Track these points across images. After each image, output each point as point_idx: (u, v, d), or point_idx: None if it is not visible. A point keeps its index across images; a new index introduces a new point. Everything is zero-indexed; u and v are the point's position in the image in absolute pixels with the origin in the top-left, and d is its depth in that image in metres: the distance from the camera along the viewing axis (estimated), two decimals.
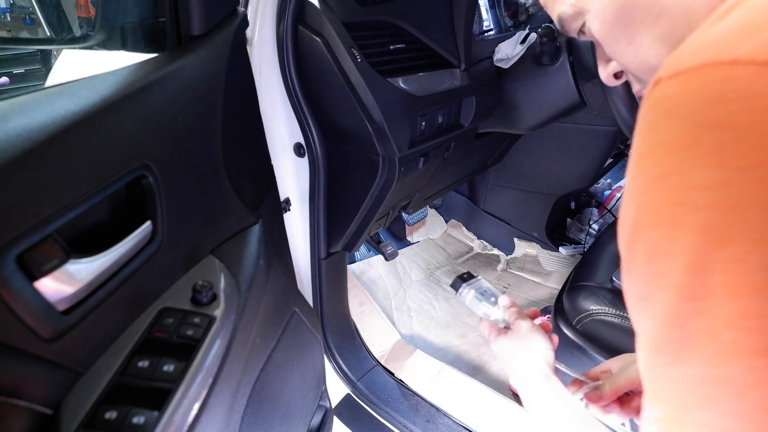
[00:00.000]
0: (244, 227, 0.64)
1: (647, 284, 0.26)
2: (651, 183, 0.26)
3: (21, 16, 3.01)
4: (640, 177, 0.27)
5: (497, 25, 1.22)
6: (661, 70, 0.28)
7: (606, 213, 1.83)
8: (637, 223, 0.26)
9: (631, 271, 0.28)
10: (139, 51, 0.59)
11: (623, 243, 0.28)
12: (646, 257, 0.26)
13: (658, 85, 0.27)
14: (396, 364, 1.28)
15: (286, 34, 0.77)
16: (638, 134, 0.28)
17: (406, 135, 0.85)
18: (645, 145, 0.27)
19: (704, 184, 0.23)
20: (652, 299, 0.26)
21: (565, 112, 1.10)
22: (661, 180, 0.25)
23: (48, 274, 0.38)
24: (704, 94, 0.24)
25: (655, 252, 0.25)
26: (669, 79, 0.27)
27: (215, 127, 0.58)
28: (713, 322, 0.23)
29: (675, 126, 0.25)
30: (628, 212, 0.27)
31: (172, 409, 0.42)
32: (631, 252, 0.27)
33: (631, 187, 0.28)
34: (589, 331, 0.96)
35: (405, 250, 1.83)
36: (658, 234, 0.25)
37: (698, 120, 0.24)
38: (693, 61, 0.26)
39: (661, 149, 0.26)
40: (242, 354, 0.56)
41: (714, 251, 0.23)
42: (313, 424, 0.88)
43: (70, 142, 0.40)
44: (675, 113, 0.25)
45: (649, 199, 0.26)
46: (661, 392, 0.26)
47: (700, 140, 0.24)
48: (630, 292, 0.28)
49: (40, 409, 0.40)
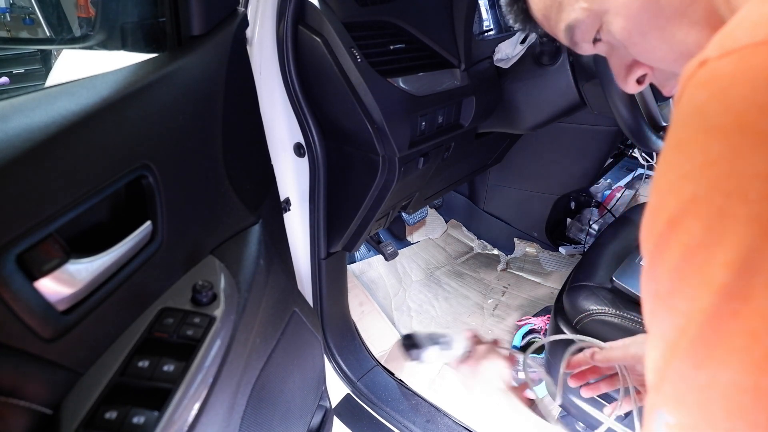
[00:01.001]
0: (244, 227, 0.64)
1: (680, 279, 0.24)
2: (696, 170, 0.23)
3: (21, 16, 3.01)
4: (683, 164, 0.24)
5: (497, 25, 1.22)
6: (707, 50, 0.25)
7: (606, 213, 1.83)
8: (675, 213, 0.24)
9: (659, 265, 0.25)
10: (139, 51, 0.59)
11: (652, 235, 0.26)
12: (684, 250, 0.23)
13: (704, 65, 0.25)
14: (396, 364, 1.28)
15: (286, 34, 0.77)
16: (680, 118, 0.25)
17: (406, 135, 0.85)
18: (689, 129, 0.24)
19: (759, 173, 0.21)
20: (684, 296, 0.23)
21: (565, 112, 1.10)
22: (709, 167, 0.23)
23: (48, 274, 0.38)
24: (762, 73, 0.22)
25: (695, 245, 0.23)
26: (720, 58, 0.24)
27: (215, 127, 0.58)
28: (755, 325, 0.21)
29: (727, 108, 0.23)
30: (664, 202, 0.25)
31: (172, 409, 0.42)
32: (663, 245, 0.25)
33: (668, 175, 0.25)
34: (589, 331, 0.96)
35: (405, 250, 1.83)
36: (700, 226, 0.23)
37: (756, 102, 0.22)
38: (750, 38, 0.23)
39: (711, 134, 0.23)
40: (242, 354, 0.56)
41: (764, 248, 0.20)
42: (313, 424, 0.88)
43: (70, 142, 0.40)
44: (728, 94, 0.23)
45: (693, 188, 0.23)
46: (681, 397, 0.24)
47: (757, 125, 0.21)
48: (653, 286, 0.26)
49: (40, 409, 0.40)
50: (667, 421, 0.24)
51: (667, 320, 0.24)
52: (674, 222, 0.24)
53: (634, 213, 1.29)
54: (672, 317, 0.24)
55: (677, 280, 0.24)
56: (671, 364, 0.24)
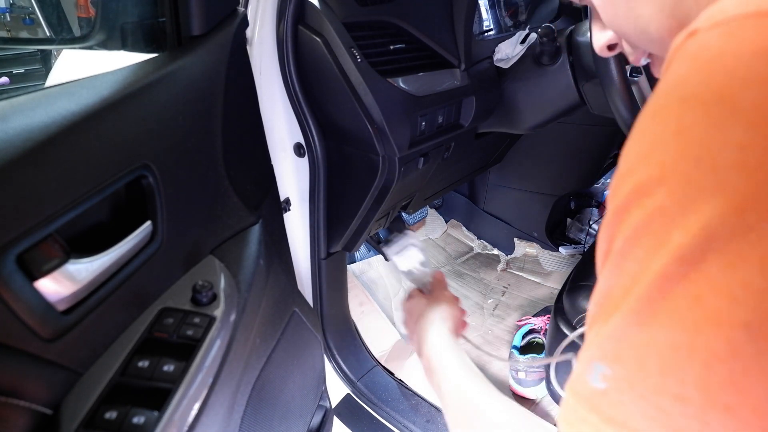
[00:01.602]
0: (244, 227, 0.64)
1: (635, 241, 0.24)
2: (669, 136, 0.23)
3: (21, 16, 3.01)
4: (655, 130, 0.24)
5: (497, 25, 1.22)
6: (698, 20, 0.25)
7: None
8: (643, 180, 0.24)
9: (617, 226, 0.25)
10: (139, 51, 0.59)
11: (616, 197, 0.25)
12: (645, 214, 0.23)
13: (694, 35, 0.24)
14: (396, 364, 1.28)
15: (286, 34, 0.77)
16: (662, 88, 0.25)
17: (406, 135, 0.85)
18: (668, 98, 0.24)
19: (731, 142, 0.21)
20: (635, 257, 0.24)
21: (565, 112, 1.10)
22: (680, 134, 0.22)
23: (48, 274, 0.38)
24: (749, 45, 0.22)
25: (657, 209, 0.23)
26: (709, 29, 0.24)
27: (215, 127, 0.58)
28: (700, 288, 0.21)
29: (710, 79, 0.22)
30: (633, 168, 0.25)
31: (172, 409, 0.42)
32: (626, 208, 0.24)
33: (640, 142, 0.25)
34: None
35: None
36: (665, 191, 0.22)
37: (738, 75, 0.22)
38: (740, 9, 0.23)
39: (688, 102, 0.23)
40: (242, 354, 0.56)
41: (725, 216, 0.20)
42: (313, 424, 0.88)
43: (70, 142, 0.40)
44: (712, 66, 0.23)
45: (663, 154, 0.23)
46: (618, 352, 0.24)
47: (737, 95, 0.21)
48: (605, 246, 0.26)
49: (40, 409, 0.40)
50: (603, 372, 0.25)
51: (613, 279, 0.25)
52: (640, 187, 0.24)
53: None
54: (619, 277, 0.25)
55: (632, 241, 0.24)
56: (611, 320, 0.24)
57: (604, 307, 0.25)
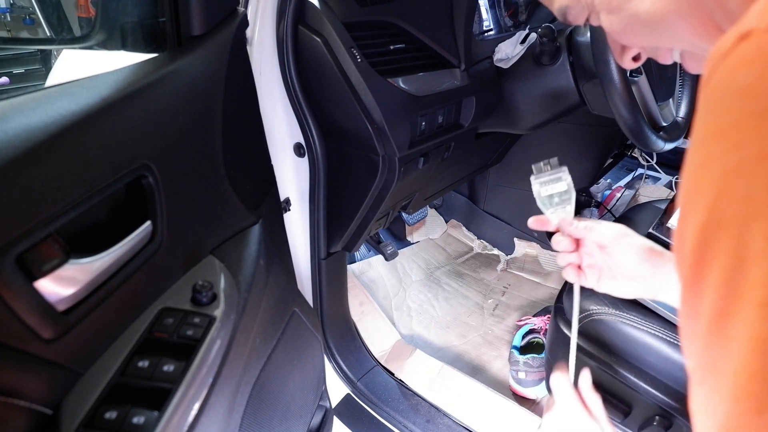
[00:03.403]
0: (244, 227, 0.64)
1: (734, 295, 0.19)
2: (751, 161, 0.18)
3: (21, 16, 3.01)
4: (727, 155, 0.19)
5: (497, 25, 1.22)
6: (748, 20, 0.21)
7: (606, 213, 1.83)
8: (719, 215, 0.19)
9: (701, 280, 0.20)
10: (139, 51, 0.59)
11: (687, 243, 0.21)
12: (735, 261, 0.19)
13: (749, 38, 0.20)
14: (396, 364, 1.28)
15: (286, 34, 0.77)
16: (717, 102, 0.21)
17: (406, 135, 0.85)
18: (734, 113, 0.20)
19: None
20: (739, 318, 0.18)
21: (565, 112, 1.09)
22: (765, 159, 0.18)
23: (48, 274, 0.38)
24: None
25: (750, 254, 0.18)
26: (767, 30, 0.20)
27: (215, 127, 0.58)
28: None
29: None
30: (703, 203, 0.20)
31: (172, 409, 0.42)
32: (704, 253, 0.20)
33: (711, 169, 0.20)
34: (589, 331, 0.96)
35: (405, 250, 1.83)
36: (756, 229, 0.18)
37: None
38: None
39: (765, 117, 0.18)
40: (242, 354, 0.56)
41: None
42: (313, 424, 0.88)
43: (70, 142, 0.40)
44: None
45: (744, 183, 0.18)
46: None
47: None
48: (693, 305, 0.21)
49: (40, 409, 0.40)
50: None
51: (717, 348, 0.19)
52: (719, 225, 0.19)
53: (634, 213, 1.29)
54: (723, 344, 0.19)
55: (727, 297, 0.19)
56: (730, 406, 0.19)
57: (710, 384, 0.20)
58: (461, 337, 1.48)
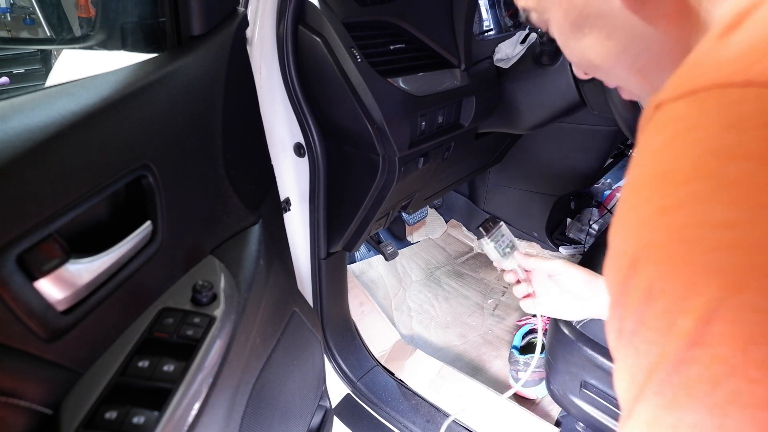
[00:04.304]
0: (244, 227, 0.64)
1: (642, 323, 0.24)
2: (655, 215, 0.23)
3: (21, 16, 3.01)
4: (642, 207, 0.24)
5: (497, 25, 1.22)
6: (663, 92, 0.25)
7: (606, 213, 1.83)
8: (636, 258, 0.24)
9: (621, 306, 0.25)
10: (139, 51, 0.59)
11: (614, 275, 0.26)
12: (644, 295, 0.23)
13: (660, 108, 0.25)
14: (396, 364, 1.28)
15: (286, 34, 0.77)
16: (640, 160, 0.25)
17: (406, 135, 0.85)
18: (649, 172, 0.24)
19: (718, 221, 0.21)
20: (647, 340, 0.23)
21: (565, 112, 1.10)
22: (668, 213, 0.23)
23: (48, 274, 0.38)
24: (718, 118, 0.22)
25: (654, 291, 0.23)
26: (674, 100, 0.24)
27: (215, 127, 0.58)
28: (715, 372, 0.21)
29: (685, 153, 0.23)
30: (624, 244, 0.25)
31: (172, 409, 0.42)
32: (624, 287, 0.25)
33: (629, 218, 0.25)
34: (588, 330, 0.96)
35: (405, 250, 1.83)
36: (660, 272, 0.23)
37: (713, 147, 0.22)
38: (702, 82, 0.24)
39: (669, 178, 0.23)
40: (242, 354, 0.56)
41: (724, 297, 0.21)
42: (313, 424, 0.88)
43: (70, 142, 0.40)
44: (686, 139, 0.23)
45: (652, 234, 0.23)
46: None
47: (715, 170, 0.21)
48: (617, 325, 0.26)
49: (40, 409, 0.40)
50: None
51: (632, 359, 0.25)
52: (633, 268, 0.24)
53: None
54: (637, 358, 0.24)
55: (638, 323, 0.24)
56: (639, 402, 0.24)
57: (630, 388, 0.25)
58: (461, 337, 1.48)
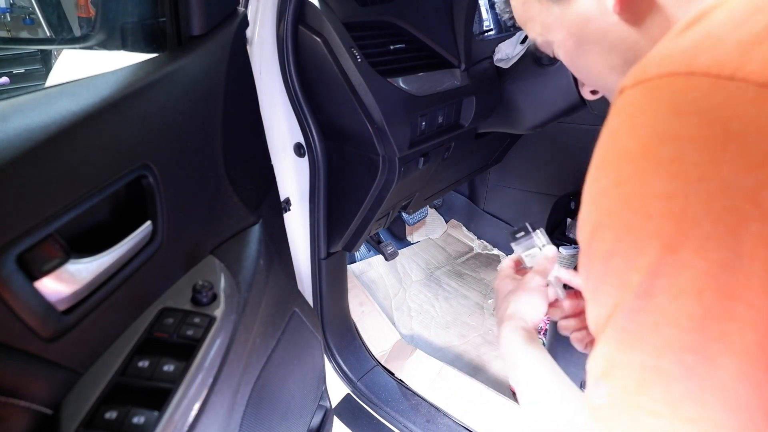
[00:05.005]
0: (244, 227, 0.64)
1: (602, 280, 0.29)
2: (611, 187, 0.28)
3: (21, 16, 3.01)
4: (601, 180, 0.29)
5: (497, 25, 1.22)
6: (626, 78, 0.29)
7: None
8: (596, 223, 0.29)
9: (588, 265, 0.30)
10: (139, 51, 0.59)
11: (583, 239, 0.30)
12: (603, 256, 0.28)
13: (622, 93, 0.29)
14: (396, 364, 1.28)
15: (286, 34, 0.77)
16: (602, 139, 0.29)
17: (406, 135, 0.85)
18: (607, 150, 0.29)
19: (659, 193, 0.25)
20: (606, 293, 0.28)
21: (565, 112, 1.09)
22: (620, 185, 0.27)
23: (48, 274, 0.38)
24: (663, 103, 0.26)
25: (611, 252, 0.28)
26: (632, 87, 0.28)
27: (215, 127, 0.58)
28: (656, 318, 0.26)
29: (635, 134, 0.27)
30: (588, 212, 0.30)
31: (172, 409, 0.42)
32: (589, 248, 0.29)
33: (592, 189, 0.30)
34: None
35: (405, 250, 1.83)
36: (615, 236, 0.27)
37: (657, 130, 0.26)
38: (654, 71, 0.27)
39: (622, 155, 0.27)
40: (242, 354, 0.56)
41: (664, 256, 0.25)
42: (313, 424, 0.88)
43: (70, 142, 0.40)
44: (636, 121, 0.27)
45: (608, 203, 0.28)
46: (609, 371, 0.29)
47: (657, 150, 0.25)
48: (587, 282, 0.31)
49: (41, 409, 0.40)
50: (602, 390, 0.29)
51: (596, 308, 0.30)
52: (595, 231, 0.29)
53: None
54: (600, 306, 0.29)
55: (599, 279, 0.29)
56: (600, 343, 0.30)
57: (596, 331, 0.30)
58: (461, 337, 1.48)
